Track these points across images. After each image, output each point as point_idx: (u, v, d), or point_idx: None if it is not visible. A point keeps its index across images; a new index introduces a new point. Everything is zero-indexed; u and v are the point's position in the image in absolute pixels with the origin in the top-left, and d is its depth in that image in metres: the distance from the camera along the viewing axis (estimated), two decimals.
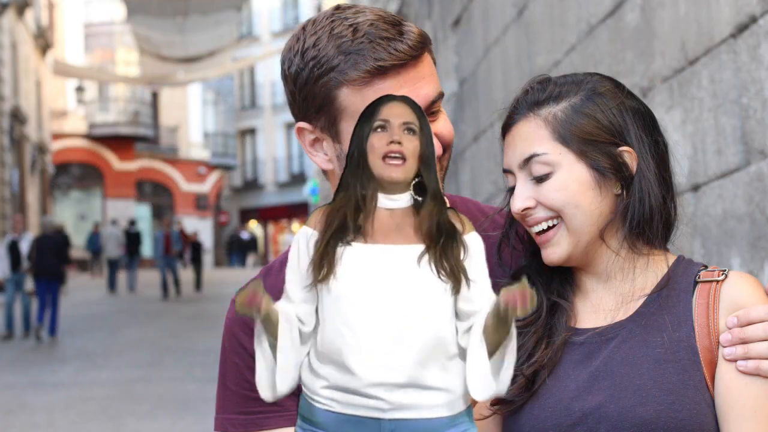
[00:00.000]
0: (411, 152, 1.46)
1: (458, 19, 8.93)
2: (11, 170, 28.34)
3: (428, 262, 1.44)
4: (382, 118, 1.46)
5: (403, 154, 1.45)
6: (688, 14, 3.89)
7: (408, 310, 1.43)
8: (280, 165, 47.81)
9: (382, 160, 1.45)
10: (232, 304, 1.84)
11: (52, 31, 37.91)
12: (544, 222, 1.74)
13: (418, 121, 1.47)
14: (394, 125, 1.46)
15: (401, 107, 1.47)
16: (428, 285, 1.44)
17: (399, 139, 1.45)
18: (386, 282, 1.43)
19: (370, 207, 1.47)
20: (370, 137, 1.46)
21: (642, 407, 1.65)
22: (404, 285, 1.43)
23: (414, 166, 1.46)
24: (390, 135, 1.45)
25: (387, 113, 1.47)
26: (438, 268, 1.43)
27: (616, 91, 1.78)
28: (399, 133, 1.45)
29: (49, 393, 11.46)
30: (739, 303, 1.67)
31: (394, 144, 1.45)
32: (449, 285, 1.43)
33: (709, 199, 3.82)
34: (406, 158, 1.45)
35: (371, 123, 1.47)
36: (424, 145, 1.47)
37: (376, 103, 1.49)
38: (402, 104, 1.47)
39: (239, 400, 1.78)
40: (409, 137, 1.46)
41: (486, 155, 7.83)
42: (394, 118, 1.46)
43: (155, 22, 21.76)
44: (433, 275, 1.44)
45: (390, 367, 1.41)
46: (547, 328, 1.77)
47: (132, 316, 20.27)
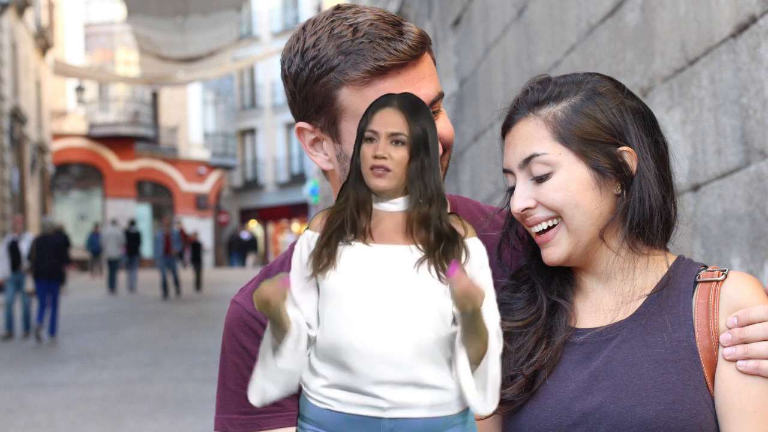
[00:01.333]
0: (397, 163, 1.47)
1: (458, 19, 8.93)
2: (11, 170, 28.34)
3: (428, 266, 1.44)
4: (371, 129, 1.49)
5: (386, 167, 1.47)
6: (688, 14, 3.89)
7: (408, 310, 1.43)
8: (280, 165, 47.82)
9: (370, 170, 1.47)
10: (232, 304, 1.84)
11: (52, 31, 37.91)
12: (544, 222, 1.74)
13: (409, 129, 1.48)
14: (381, 137, 1.48)
15: (392, 116, 1.48)
16: (428, 285, 1.44)
17: (383, 154, 1.47)
18: (386, 281, 1.44)
19: (368, 210, 1.48)
20: (362, 146, 1.50)
21: (642, 407, 1.65)
22: (404, 284, 1.44)
23: (400, 174, 1.47)
24: (375, 148, 1.47)
25: (377, 123, 1.49)
26: (438, 272, 1.43)
27: (616, 91, 1.78)
28: (383, 147, 1.47)
29: (49, 393, 11.46)
30: (739, 303, 1.67)
31: (377, 159, 1.47)
32: (449, 288, 1.43)
33: (709, 199, 3.82)
34: (390, 169, 1.47)
35: (363, 130, 1.50)
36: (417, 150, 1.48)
37: (372, 107, 1.50)
38: (395, 110, 1.48)
39: (239, 400, 1.78)
40: (395, 148, 1.47)
41: (486, 155, 7.83)
42: (382, 128, 1.48)
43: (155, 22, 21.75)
44: (433, 277, 1.44)
45: (390, 366, 1.42)
46: (547, 328, 1.77)
47: (132, 316, 20.27)
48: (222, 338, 1.85)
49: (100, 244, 30.42)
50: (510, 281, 1.83)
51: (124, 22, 29.44)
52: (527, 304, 1.80)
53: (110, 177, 40.95)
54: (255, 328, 1.78)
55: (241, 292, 1.86)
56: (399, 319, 1.43)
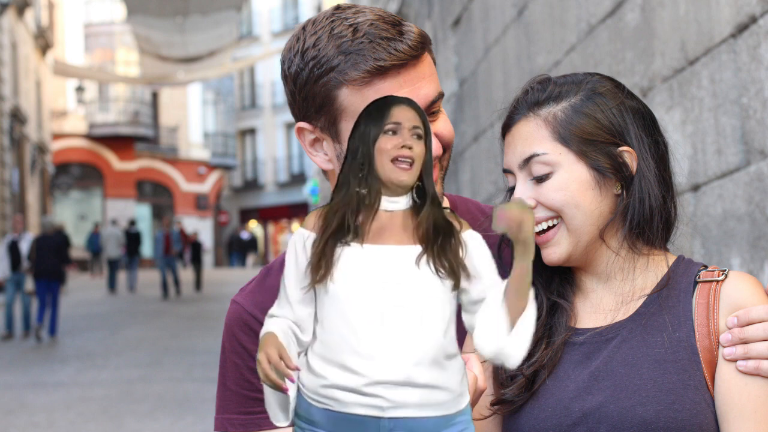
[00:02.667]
0: (418, 157, 1.47)
1: (458, 19, 8.93)
2: (11, 170, 28.34)
3: (427, 262, 1.44)
4: (394, 121, 1.47)
5: (412, 158, 1.46)
6: (688, 14, 3.89)
7: (406, 310, 1.43)
8: (280, 165, 47.81)
9: (392, 163, 1.46)
10: (232, 304, 1.84)
11: (52, 31, 37.92)
12: (544, 222, 1.74)
13: (423, 125, 1.48)
14: (405, 129, 1.47)
15: (410, 111, 1.48)
16: (427, 284, 1.44)
17: (410, 144, 1.46)
18: (384, 281, 1.43)
19: (373, 208, 1.47)
20: (380, 139, 1.47)
21: (642, 407, 1.65)
22: (402, 284, 1.43)
23: (419, 170, 1.47)
24: (402, 139, 1.46)
25: (398, 116, 1.47)
26: (437, 267, 1.43)
27: (616, 91, 1.78)
28: (409, 138, 1.46)
29: (49, 393, 11.45)
30: (739, 303, 1.67)
31: (405, 149, 1.45)
32: (449, 282, 1.44)
33: (709, 199, 3.82)
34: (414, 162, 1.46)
35: (381, 124, 1.47)
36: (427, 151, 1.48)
37: (385, 103, 1.49)
38: (410, 108, 1.48)
39: (239, 400, 1.79)
40: (417, 142, 1.47)
41: (486, 155, 7.83)
42: (405, 121, 1.47)
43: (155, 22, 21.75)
44: (432, 274, 1.44)
45: (389, 366, 1.42)
46: (547, 328, 1.77)
47: (132, 316, 20.27)
48: (222, 338, 1.85)
49: (100, 244, 30.43)
50: None
51: (124, 22, 29.45)
52: None
53: (110, 177, 40.94)
54: (255, 328, 1.78)
55: (241, 292, 1.86)
56: (398, 320, 1.42)
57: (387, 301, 1.43)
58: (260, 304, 1.79)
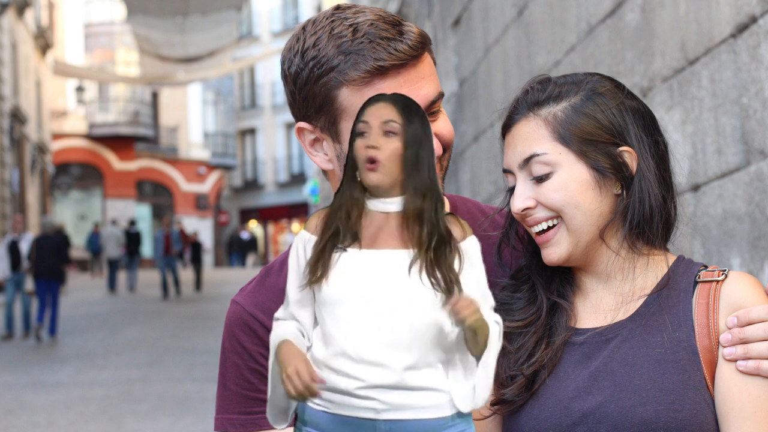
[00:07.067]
0: (388, 155, 1.44)
1: (458, 19, 8.93)
2: (11, 170, 28.34)
3: (419, 271, 1.43)
4: (363, 120, 1.46)
5: (376, 158, 1.44)
6: (688, 14, 3.89)
7: (401, 314, 1.43)
8: (280, 165, 47.81)
9: (364, 165, 1.45)
10: (232, 304, 1.84)
11: (52, 31, 37.91)
12: (544, 222, 1.74)
13: (402, 119, 1.45)
14: (373, 128, 1.45)
15: (385, 107, 1.46)
16: (419, 289, 1.43)
17: (374, 144, 1.44)
18: (379, 286, 1.43)
19: (360, 211, 1.46)
20: (356, 141, 1.47)
21: (642, 407, 1.65)
22: (397, 289, 1.43)
23: (393, 168, 1.45)
24: (366, 140, 1.45)
25: (368, 115, 1.46)
26: (429, 278, 1.42)
27: (616, 91, 1.78)
28: (376, 138, 1.45)
29: (49, 393, 11.45)
30: (739, 303, 1.67)
31: (369, 149, 1.45)
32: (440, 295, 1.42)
33: (709, 199, 3.82)
34: (382, 162, 1.44)
35: (356, 126, 1.47)
36: (411, 141, 1.45)
37: (365, 104, 1.48)
38: (387, 104, 1.46)
39: (239, 400, 1.79)
40: (387, 139, 1.45)
41: (486, 155, 7.83)
42: (374, 119, 1.46)
43: (155, 22, 21.74)
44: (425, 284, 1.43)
45: (382, 369, 1.42)
46: (547, 328, 1.77)
47: (132, 316, 20.26)
48: (222, 338, 1.85)
49: (100, 244, 30.41)
50: (510, 281, 1.83)
51: (124, 22, 29.42)
52: (527, 304, 1.80)
53: (110, 177, 40.94)
54: (255, 328, 1.78)
55: (241, 292, 1.86)
56: (392, 324, 1.42)
57: (381, 305, 1.43)
58: (260, 304, 1.79)
